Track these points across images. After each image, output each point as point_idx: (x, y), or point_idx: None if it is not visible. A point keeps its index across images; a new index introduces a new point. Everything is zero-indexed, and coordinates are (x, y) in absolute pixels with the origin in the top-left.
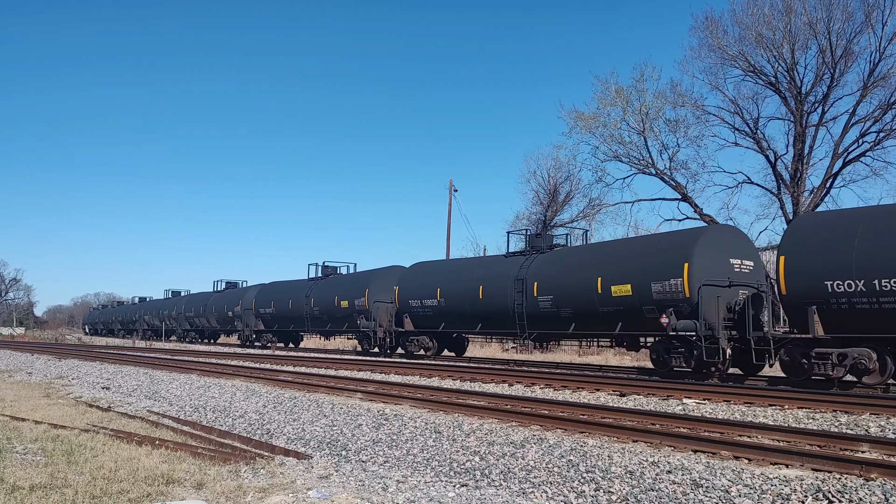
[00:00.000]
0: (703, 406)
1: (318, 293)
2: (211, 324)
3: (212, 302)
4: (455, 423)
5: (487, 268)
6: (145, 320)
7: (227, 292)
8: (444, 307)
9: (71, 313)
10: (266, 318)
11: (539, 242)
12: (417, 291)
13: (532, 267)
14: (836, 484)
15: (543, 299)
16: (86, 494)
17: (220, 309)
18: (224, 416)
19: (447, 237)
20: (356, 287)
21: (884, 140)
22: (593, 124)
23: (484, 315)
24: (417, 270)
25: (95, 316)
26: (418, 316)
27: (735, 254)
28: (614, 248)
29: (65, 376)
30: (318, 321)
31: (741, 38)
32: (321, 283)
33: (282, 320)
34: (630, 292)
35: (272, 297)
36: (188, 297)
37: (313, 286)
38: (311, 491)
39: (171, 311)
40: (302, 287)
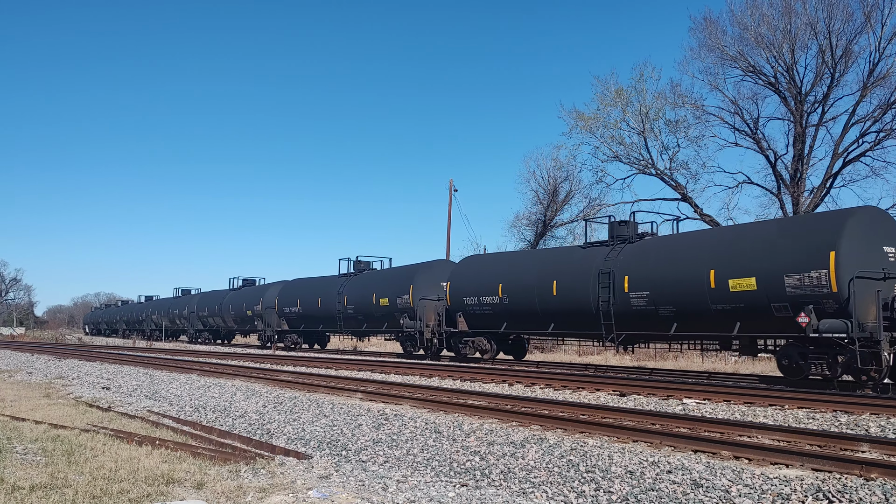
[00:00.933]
0: (703, 406)
1: (352, 290)
2: (227, 323)
3: (228, 300)
4: (455, 423)
5: (562, 260)
6: (153, 320)
7: (244, 290)
8: (507, 305)
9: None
10: (291, 318)
11: (625, 231)
12: (474, 287)
13: (621, 259)
14: (837, 484)
15: (637, 295)
16: (86, 494)
17: (237, 307)
18: (224, 416)
19: (447, 237)
20: (398, 283)
21: (884, 140)
22: (593, 125)
23: (558, 314)
24: (472, 264)
25: (98, 315)
26: (474, 315)
27: (888, 240)
28: (733, 234)
29: (65, 376)
30: (353, 321)
31: (740, 39)
32: (355, 280)
33: (309, 320)
34: (754, 287)
35: (298, 295)
36: (200, 296)
37: (346, 283)
38: (312, 491)
39: (182, 310)
40: (333, 284)
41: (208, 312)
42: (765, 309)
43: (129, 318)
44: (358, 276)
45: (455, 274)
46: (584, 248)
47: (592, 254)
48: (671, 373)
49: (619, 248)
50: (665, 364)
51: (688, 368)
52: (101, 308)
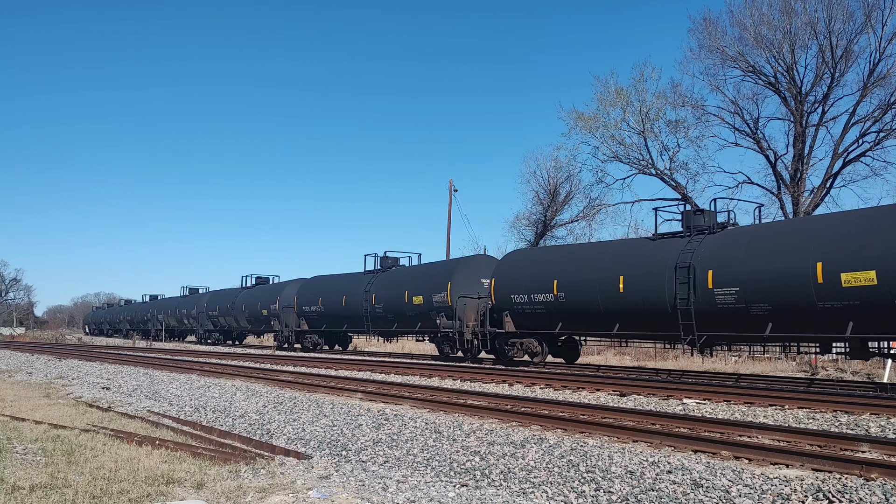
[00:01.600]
0: (703, 406)
1: (381, 288)
2: (240, 323)
3: (241, 299)
4: (455, 423)
5: (630, 253)
6: (159, 319)
7: (259, 288)
8: (562, 303)
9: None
10: (311, 317)
11: (702, 220)
12: (523, 284)
13: (702, 251)
14: (837, 484)
15: (723, 292)
16: (86, 494)
17: (251, 307)
18: (224, 416)
19: (447, 237)
20: (434, 280)
21: (884, 140)
22: (593, 125)
23: (625, 313)
24: (520, 258)
25: (100, 315)
26: (523, 314)
27: None
28: (844, 221)
29: (65, 376)
30: (382, 320)
31: (740, 39)
32: (384, 277)
33: (332, 319)
34: (874, 281)
35: (320, 293)
36: (210, 295)
37: (374, 280)
38: (312, 491)
39: (190, 310)
40: (359, 281)
41: (219, 312)
42: (887, 307)
43: (134, 317)
44: (386, 272)
45: (501, 270)
46: (655, 240)
47: (666, 246)
48: (671, 373)
49: (699, 239)
50: (665, 364)
51: (688, 368)
52: (102, 308)
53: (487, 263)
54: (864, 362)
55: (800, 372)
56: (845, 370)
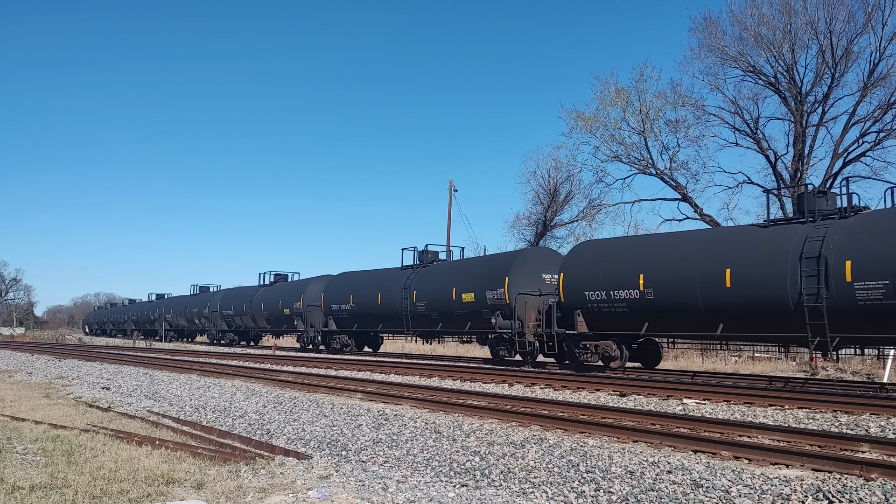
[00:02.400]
0: (703, 406)
1: (423, 284)
2: (258, 323)
3: (259, 297)
4: (455, 423)
5: (737, 242)
6: (167, 319)
7: (279, 286)
8: (650, 301)
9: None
10: (341, 317)
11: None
12: (599, 279)
13: (835, 238)
14: (837, 484)
15: (866, 286)
16: (86, 494)
17: (271, 305)
18: (224, 416)
19: (447, 237)
20: (488, 275)
21: (884, 140)
22: (593, 124)
23: (733, 311)
24: (593, 251)
25: (102, 315)
26: (598, 313)
27: None
28: None
29: (65, 376)
30: (424, 320)
31: (740, 39)
32: (426, 272)
33: (365, 319)
34: None
35: (351, 291)
36: (224, 293)
37: (414, 275)
38: (312, 491)
39: (202, 309)
40: (397, 277)
41: (234, 311)
42: None
43: (139, 317)
44: (428, 267)
45: (571, 263)
46: (767, 227)
47: (782, 234)
48: (671, 373)
49: (826, 224)
50: (665, 364)
51: (688, 368)
52: (104, 307)
53: (549, 257)
54: (864, 362)
55: (800, 372)
56: (845, 370)
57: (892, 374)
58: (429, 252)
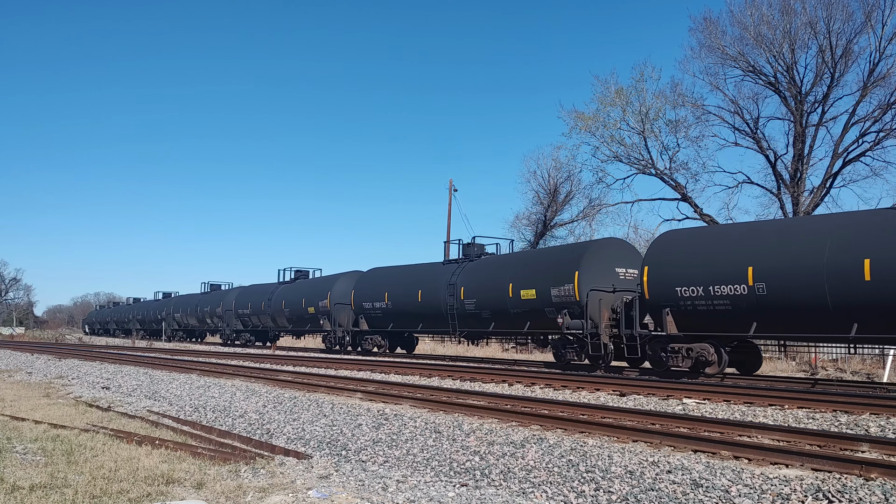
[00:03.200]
0: (703, 406)
1: (471, 279)
2: (278, 322)
3: (279, 295)
4: (455, 423)
5: (875, 229)
6: (175, 318)
7: (301, 283)
8: (761, 297)
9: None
10: (374, 316)
11: None
12: (695, 272)
13: None
14: (836, 484)
15: None
16: (86, 494)
17: (293, 303)
18: (224, 416)
19: (447, 237)
20: (553, 269)
21: (884, 140)
22: (593, 125)
23: (872, 309)
24: (686, 240)
25: (105, 314)
26: (693, 311)
27: None
28: None
29: (65, 376)
30: (473, 319)
31: (740, 39)
32: (474, 267)
33: (403, 318)
34: None
35: (386, 287)
36: (239, 291)
37: (460, 270)
38: (311, 491)
39: (215, 308)
40: (439, 272)
41: (251, 310)
42: None
43: (145, 316)
44: (476, 262)
45: (656, 254)
46: None
47: None
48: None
49: None
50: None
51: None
52: (107, 306)
53: (622, 249)
54: (864, 362)
55: (799, 372)
56: (845, 370)
57: (891, 373)
58: (475, 245)
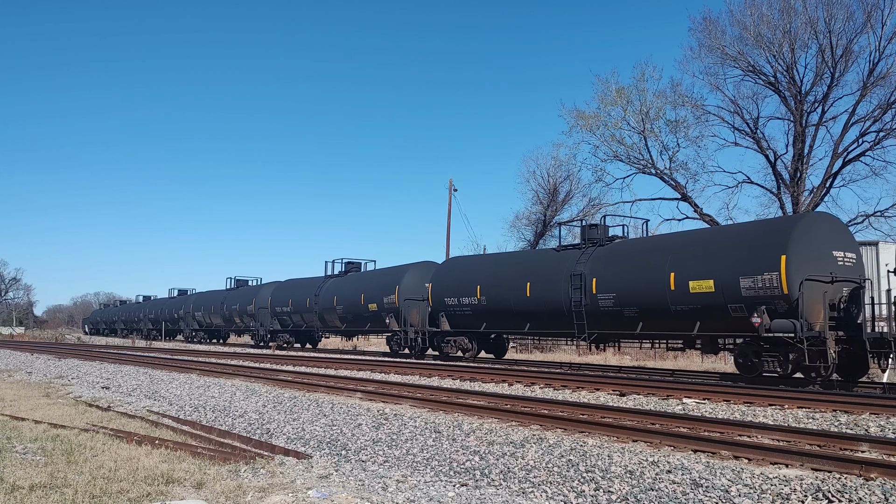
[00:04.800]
0: (702, 406)
1: (605, 269)
2: (327, 322)
3: (329, 290)
4: (455, 423)
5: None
6: (196, 318)
7: (356, 276)
8: None
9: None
10: (461, 314)
11: None
12: None
13: None
14: (836, 483)
15: None
16: (85, 494)
17: (349, 300)
18: (224, 416)
19: (447, 237)
20: (735, 254)
21: (883, 140)
22: (594, 124)
23: None
24: None
25: (111, 313)
26: None
27: None
28: None
29: (64, 376)
30: (609, 318)
31: (740, 38)
32: (607, 254)
33: (501, 317)
34: None
35: (477, 280)
36: (276, 286)
37: (589, 258)
38: (311, 490)
39: (245, 306)
40: (557, 261)
41: (293, 307)
42: None
43: (158, 315)
44: (609, 246)
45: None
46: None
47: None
48: (671, 373)
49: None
50: (665, 364)
51: (688, 368)
52: (111, 305)
53: (838, 229)
54: None
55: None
56: None
57: (891, 373)
58: (600, 227)
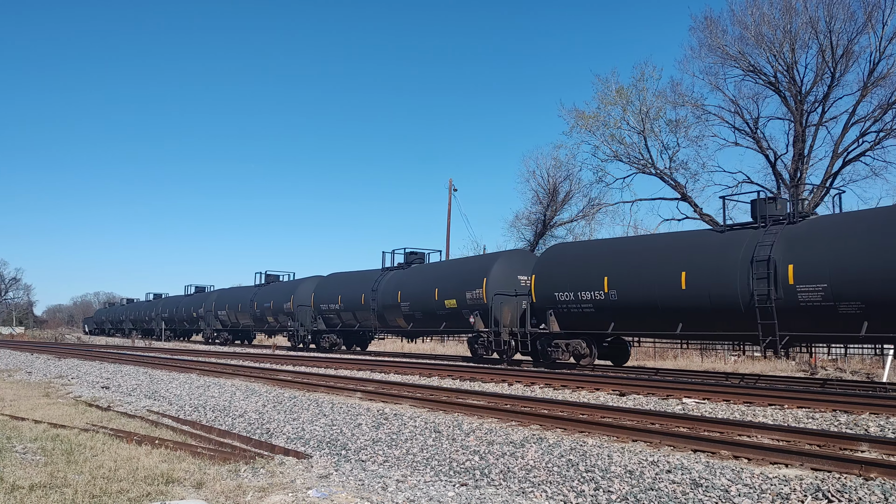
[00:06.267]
0: (702, 405)
1: (808, 253)
2: (388, 321)
3: (389, 284)
4: (455, 423)
5: None
6: (217, 317)
7: (423, 268)
8: None
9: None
10: (577, 312)
11: None
12: None
13: None
14: (836, 483)
15: None
16: (85, 494)
17: (417, 295)
18: (224, 416)
19: (447, 237)
20: None
21: (884, 140)
22: (594, 124)
23: None
24: None
25: (117, 312)
26: None
27: None
28: None
29: (64, 375)
30: (815, 314)
31: (741, 38)
32: (804, 233)
33: (635, 315)
34: None
35: (603, 270)
36: (319, 282)
37: (777, 240)
38: (311, 490)
39: (280, 303)
40: (718, 245)
41: (343, 305)
42: None
43: (172, 314)
44: (804, 224)
45: None
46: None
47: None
48: (671, 372)
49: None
50: (664, 364)
51: (687, 368)
52: (119, 303)
53: None
54: (863, 361)
55: (799, 371)
56: (844, 370)
57: (891, 373)
58: (778, 198)
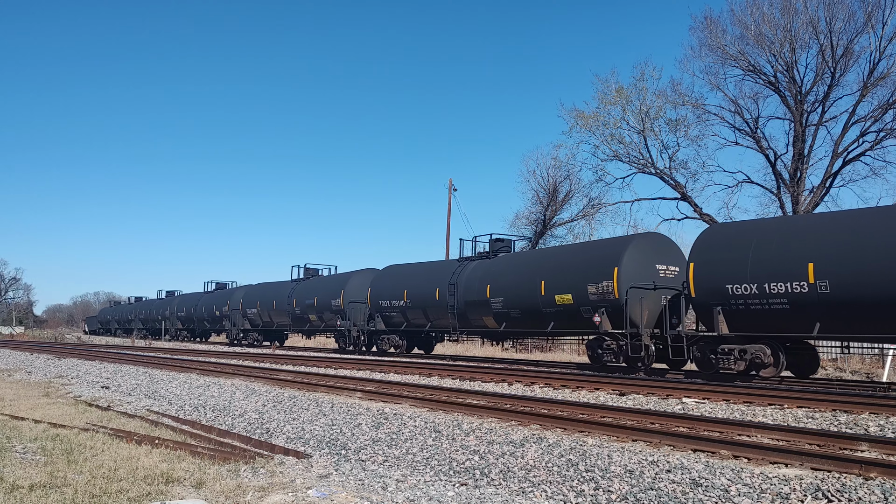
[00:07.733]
0: (702, 405)
1: None
2: (470, 320)
3: (471, 276)
4: (454, 423)
5: None
6: (247, 315)
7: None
8: None
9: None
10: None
11: None
12: None
13: None
14: (836, 483)
15: None
16: (85, 493)
17: (516, 289)
18: (223, 416)
19: (447, 237)
20: None
21: (884, 140)
22: (593, 123)
23: None
24: None
25: (124, 311)
26: None
27: None
28: None
29: (64, 375)
30: None
31: (741, 38)
32: None
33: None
34: None
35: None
36: (375, 276)
37: None
38: (311, 490)
39: (329, 300)
40: None
41: (411, 302)
42: None
43: (190, 313)
44: None
45: None
46: None
47: None
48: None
49: None
50: None
51: (687, 368)
52: (124, 303)
53: None
54: (863, 361)
55: None
56: (844, 369)
57: (891, 372)
58: None
